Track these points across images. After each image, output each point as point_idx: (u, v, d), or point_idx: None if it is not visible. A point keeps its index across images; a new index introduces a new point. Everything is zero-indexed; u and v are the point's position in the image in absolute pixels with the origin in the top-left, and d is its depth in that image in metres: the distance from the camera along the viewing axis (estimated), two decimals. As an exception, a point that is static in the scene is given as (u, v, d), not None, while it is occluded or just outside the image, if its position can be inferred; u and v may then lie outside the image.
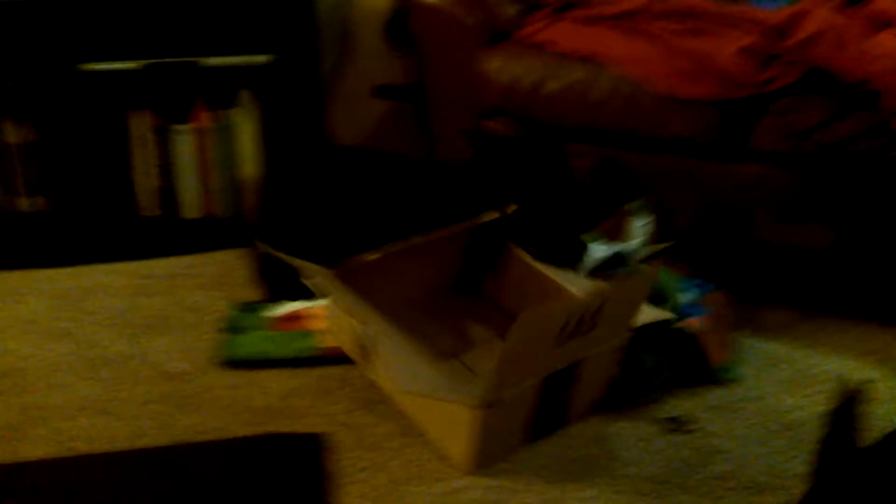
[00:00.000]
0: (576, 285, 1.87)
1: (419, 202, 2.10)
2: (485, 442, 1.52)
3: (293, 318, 2.00)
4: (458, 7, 2.38)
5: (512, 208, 2.04)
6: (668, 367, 1.75)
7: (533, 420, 1.60)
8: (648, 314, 1.86)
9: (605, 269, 2.06)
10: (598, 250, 2.07)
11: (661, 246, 2.14)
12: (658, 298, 1.86)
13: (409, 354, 1.62)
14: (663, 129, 2.12)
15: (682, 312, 1.87)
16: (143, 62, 2.43)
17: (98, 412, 1.71)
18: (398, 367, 1.61)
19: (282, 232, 2.04)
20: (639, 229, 2.11)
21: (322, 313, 1.98)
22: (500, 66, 2.31)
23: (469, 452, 1.53)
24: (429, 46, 2.48)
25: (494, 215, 2.06)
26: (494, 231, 2.06)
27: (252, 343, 1.92)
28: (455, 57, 2.43)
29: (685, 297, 1.91)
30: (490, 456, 1.56)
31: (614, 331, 1.67)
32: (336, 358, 1.87)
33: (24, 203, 2.47)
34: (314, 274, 1.78)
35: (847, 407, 1.26)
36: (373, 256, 1.88)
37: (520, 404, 1.56)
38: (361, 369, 1.82)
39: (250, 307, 2.05)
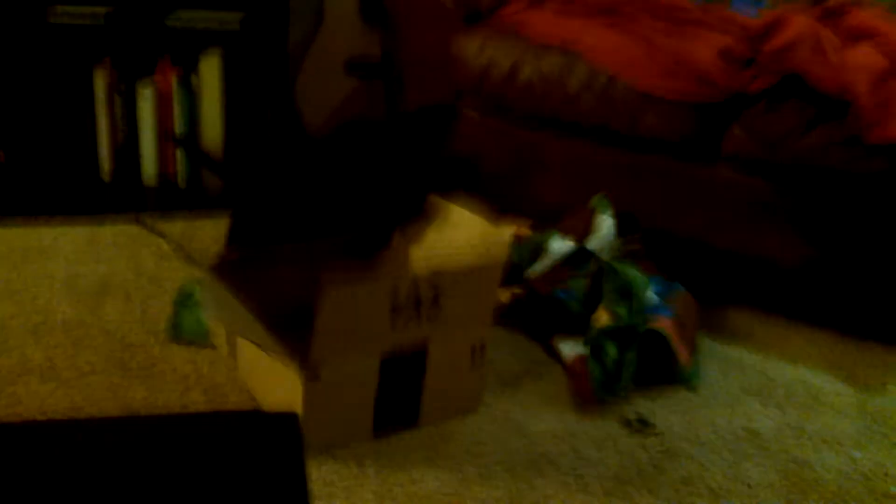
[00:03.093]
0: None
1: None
2: (320, 418, 1.47)
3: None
4: (438, -16, 2.35)
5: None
6: (633, 363, 1.74)
7: (376, 409, 1.55)
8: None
9: (569, 264, 2.05)
10: (561, 245, 2.06)
11: (627, 244, 2.13)
12: (625, 295, 1.85)
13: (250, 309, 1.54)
14: (636, 125, 2.11)
15: (648, 311, 1.87)
16: (107, 9, 2.33)
17: (44, 378, 1.64)
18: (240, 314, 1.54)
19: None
20: (605, 226, 2.10)
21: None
22: (478, 48, 2.28)
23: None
24: (404, 22, 2.44)
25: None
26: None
27: (204, 322, 1.84)
28: (431, 35, 2.40)
29: (652, 296, 1.91)
30: (328, 437, 1.51)
31: (463, 322, 1.59)
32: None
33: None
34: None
35: None
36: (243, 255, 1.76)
37: (359, 385, 1.51)
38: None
39: (208, 279, 1.99)
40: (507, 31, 2.32)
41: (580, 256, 2.04)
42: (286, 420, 1.58)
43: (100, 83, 2.38)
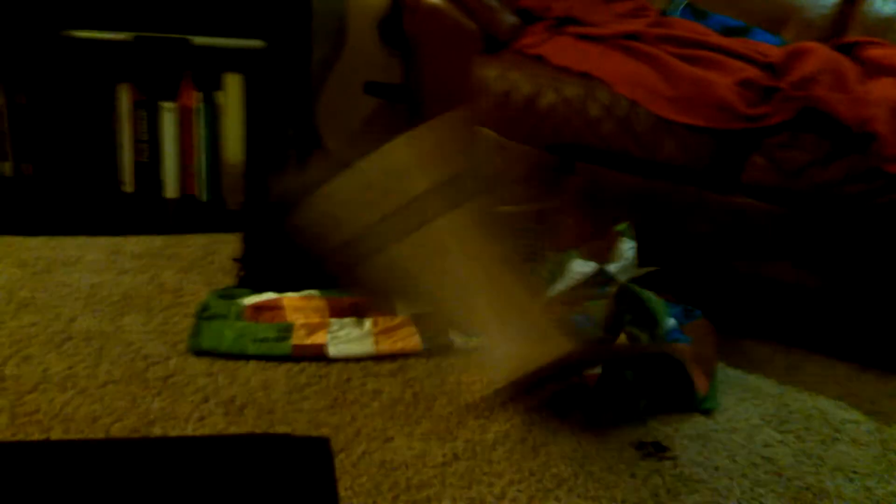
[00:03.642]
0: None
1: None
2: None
3: (271, 307, 1.94)
4: (459, 11, 2.36)
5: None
6: (650, 390, 1.74)
7: None
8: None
9: (588, 286, 2.05)
10: (582, 266, 2.07)
11: (646, 269, 2.14)
12: (646, 321, 1.85)
13: None
14: (656, 152, 2.12)
15: (667, 337, 1.87)
16: (133, 34, 2.37)
17: (61, 387, 1.65)
18: None
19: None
20: (627, 252, 2.11)
21: (301, 305, 1.93)
22: (497, 75, 2.30)
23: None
24: (425, 48, 2.45)
25: None
26: None
27: (224, 334, 1.84)
28: (451, 61, 2.41)
29: (671, 323, 1.91)
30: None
31: None
32: (312, 357, 1.83)
33: (6, 167, 2.41)
34: None
35: None
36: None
37: None
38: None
39: (228, 294, 2.00)
40: (528, 58, 2.34)
41: (600, 279, 2.05)
42: (316, 444, 1.57)
43: (124, 99, 2.41)
